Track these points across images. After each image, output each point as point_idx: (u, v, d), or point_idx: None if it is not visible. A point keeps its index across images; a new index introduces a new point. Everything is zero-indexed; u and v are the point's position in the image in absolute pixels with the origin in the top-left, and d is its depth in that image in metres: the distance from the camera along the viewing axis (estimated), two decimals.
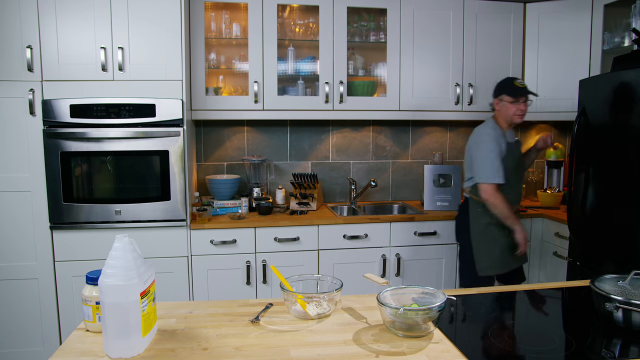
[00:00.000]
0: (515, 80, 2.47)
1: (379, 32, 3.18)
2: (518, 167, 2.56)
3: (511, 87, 2.47)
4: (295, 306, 1.35)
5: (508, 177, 2.45)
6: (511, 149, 2.51)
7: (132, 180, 2.64)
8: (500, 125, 2.53)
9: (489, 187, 2.41)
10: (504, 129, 2.53)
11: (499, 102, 2.52)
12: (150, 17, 2.57)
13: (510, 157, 2.49)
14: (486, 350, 1.20)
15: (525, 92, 2.44)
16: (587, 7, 3.01)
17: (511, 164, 2.49)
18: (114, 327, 1.10)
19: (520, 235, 2.45)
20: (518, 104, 2.46)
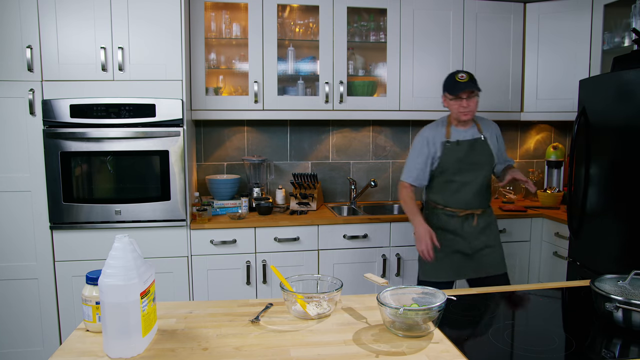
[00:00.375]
0: (457, 74, 2.28)
1: (379, 32, 3.18)
2: (466, 168, 2.35)
3: (450, 83, 2.31)
4: (295, 306, 1.35)
5: (449, 178, 2.36)
6: (452, 148, 2.35)
7: (132, 180, 2.64)
8: (452, 122, 2.40)
9: (400, 184, 2.43)
10: (455, 125, 2.39)
11: (444, 99, 2.39)
12: (150, 17, 2.57)
13: (449, 156, 2.34)
14: (486, 350, 1.20)
15: (462, 87, 2.24)
16: (587, 7, 3.01)
17: (451, 164, 2.35)
18: (114, 327, 1.10)
19: (418, 234, 2.30)
20: (459, 100, 2.28)
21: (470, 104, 2.28)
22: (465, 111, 2.29)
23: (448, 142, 2.35)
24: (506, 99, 3.26)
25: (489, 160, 2.40)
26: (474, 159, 2.36)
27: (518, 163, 3.68)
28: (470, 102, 2.27)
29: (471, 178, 2.36)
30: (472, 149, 2.36)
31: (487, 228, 2.41)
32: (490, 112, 3.24)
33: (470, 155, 2.35)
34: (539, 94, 3.24)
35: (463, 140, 2.36)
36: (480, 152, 2.37)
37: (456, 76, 2.27)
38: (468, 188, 2.36)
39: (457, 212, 2.37)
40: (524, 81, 3.27)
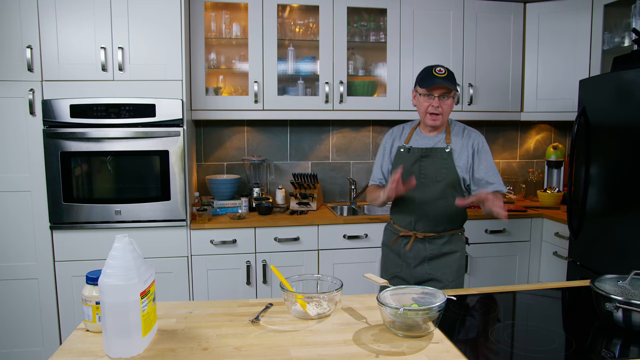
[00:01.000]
0: (435, 67, 1.92)
1: (379, 32, 3.18)
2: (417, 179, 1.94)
3: (423, 74, 1.95)
4: (295, 306, 1.35)
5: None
6: (403, 155, 2.01)
7: (132, 180, 2.64)
8: (418, 123, 2.09)
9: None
10: (422, 130, 2.06)
11: (413, 95, 2.04)
12: (150, 17, 2.57)
13: (397, 165, 1.99)
14: (486, 350, 1.20)
15: (438, 81, 1.87)
16: (587, 7, 3.01)
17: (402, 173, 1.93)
18: (114, 327, 1.10)
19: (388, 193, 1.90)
20: (430, 99, 1.93)
21: (443, 105, 1.93)
22: (434, 113, 1.94)
23: (403, 147, 2.04)
24: (506, 99, 3.26)
25: (450, 176, 1.96)
26: (426, 172, 1.97)
27: (518, 163, 3.68)
28: (443, 103, 1.93)
29: (419, 194, 1.97)
30: (426, 160, 1.97)
31: (437, 258, 2.00)
32: (490, 112, 3.24)
33: (421, 167, 1.98)
34: (539, 94, 3.24)
35: (416, 148, 2.00)
36: (438, 165, 1.96)
37: (434, 69, 1.92)
38: (414, 205, 1.99)
39: (399, 231, 2.06)
40: (524, 81, 3.27)
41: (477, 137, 2.02)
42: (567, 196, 2.66)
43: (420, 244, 2.01)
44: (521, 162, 3.69)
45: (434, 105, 1.92)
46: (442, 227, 2.00)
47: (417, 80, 1.98)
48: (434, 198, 1.96)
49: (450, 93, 1.93)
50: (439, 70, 1.91)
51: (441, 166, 1.96)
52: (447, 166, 1.96)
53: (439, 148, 1.98)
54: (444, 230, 2.01)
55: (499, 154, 3.65)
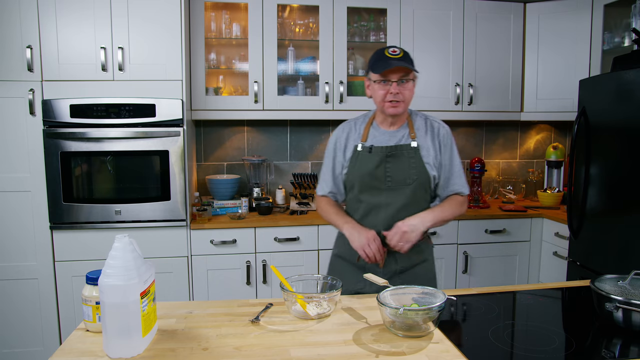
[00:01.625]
0: (388, 48, 1.65)
1: (379, 32, 3.18)
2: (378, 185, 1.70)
3: (376, 58, 1.66)
4: (295, 306, 1.35)
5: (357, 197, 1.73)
6: (362, 156, 1.71)
7: (132, 180, 2.64)
8: (375, 118, 1.78)
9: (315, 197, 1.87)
10: (379, 124, 1.77)
11: (367, 84, 1.74)
12: (150, 17, 2.57)
13: (357, 167, 1.72)
14: (486, 350, 1.20)
15: (394, 63, 1.60)
16: (587, 7, 3.01)
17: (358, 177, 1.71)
18: (114, 327, 1.10)
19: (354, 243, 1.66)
20: (386, 85, 1.64)
21: (403, 91, 1.64)
22: (394, 100, 1.65)
23: (360, 147, 1.73)
24: (506, 99, 3.26)
25: (420, 177, 1.70)
26: (392, 174, 1.69)
27: (518, 163, 3.68)
28: (403, 88, 1.64)
29: (387, 200, 1.70)
30: (392, 161, 1.70)
31: (408, 270, 1.73)
32: (490, 112, 3.24)
33: (386, 168, 1.69)
34: (539, 94, 3.24)
35: (378, 147, 1.71)
36: (404, 165, 1.70)
37: (386, 50, 1.64)
38: (381, 213, 1.70)
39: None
40: (524, 81, 3.27)
41: (442, 128, 1.77)
42: (567, 196, 2.66)
43: (390, 257, 1.71)
44: (521, 162, 3.69)
45: (392, 92, 1.63)
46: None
47: (370, 65, 1.68)
48: (404, 204, 1.69)
49: (409, 75, 1.64)
50: (393, 51, 1.63)
51: (409, 166, 1.69)
52: (416, 165, 1.69)
53: (405, 145, 1.71)
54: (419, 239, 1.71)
55: (499, 154, 3.65)
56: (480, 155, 3.61)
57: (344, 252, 1.80)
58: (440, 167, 1.74)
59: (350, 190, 1.78)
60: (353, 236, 1.66)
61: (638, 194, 2.21)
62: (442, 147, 1.74)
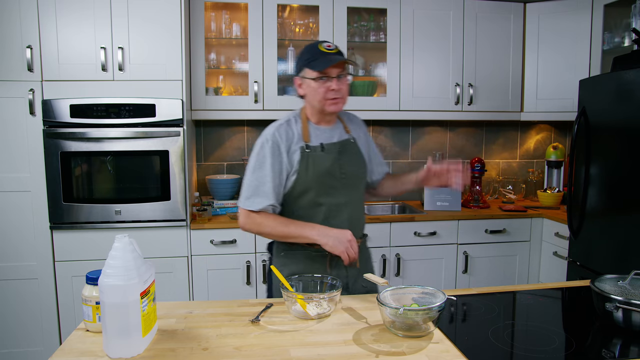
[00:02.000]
0: (322, 43, 1.59)
1: (379, 32, 3.18)
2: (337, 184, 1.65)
3: (312, 54, 1.58)
4: (295, 306, 1.35)
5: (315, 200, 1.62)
6: (315, 156, 1.62)
7: (132, 180, 2.64)
8: (308, 117, 1.68)
9: (242, 214, 1.62)
10: (315, 122, 1.68)
11: (301, 82, 1.64)
12: (150, 17, 2.57)
13: (312, 168, 1.61)
14: (486, 350, 1.20)
15: (333, 59, 1.55)
16: (587, 7, 3.01)
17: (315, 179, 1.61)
18: (114, 327, 1.10)
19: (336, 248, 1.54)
20: (326, 82, 1.57)
21: (343, 88, 1.60)
22: (335, 97, 1.59)
23: (308, 147, 1.62)
24: (506, 99, 3.26)
25: (364, 170, 1.73)
26: (346, 170, 1.66)
27: (518, 163, 3.68)
28: (342, 85, 1.59)
29: (345, 198, 1.66)
30: (343, 156, 1.66)
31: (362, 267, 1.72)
32: (490, 112, 3.24)
33: (341, 165, 1.65)
34: (539, 94, 3.24)
35: (329, 144, 1.65)
36: (353, 159, 1.69)
37: (320, 45, 1.58)
38: (344, 212, 1.65)
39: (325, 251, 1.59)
40: (524, 81, 3.27)
41: (361, 121, 1.84)
42: (567, 196, 2.66)
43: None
44: (521, 162, 3.69)
45: (334, 89, 1.57)
46: (362, 231, 1.76)
47: (304, 62, 1.59)
48: (359, 199, 1.71)
49: (345, 70, 1.61)
50: (328, 45, 1.58)
51: (358, 160, 1.71)
52: (361, 158, 1.71)
53: (347, 140, 1.70)
54: (364, 234, 1.76)
55: (499, 154, 3.65)
56: (480, 155, 3.61)
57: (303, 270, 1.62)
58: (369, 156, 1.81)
59: (303, 195, 1.62)
60: (330, 240, 1.53)
61: (638, 194, 2.21)
62: (367, 137, 1.82)
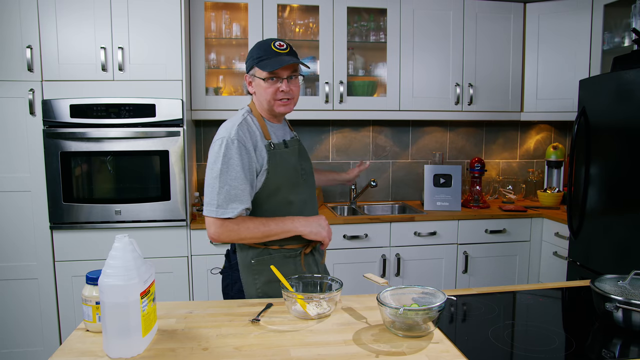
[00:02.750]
0: (274, 42, 1.54)
1: (379, 32, 3.18)
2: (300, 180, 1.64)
3: (262, 53, 1.54)
4: (295, 306, 1.35)
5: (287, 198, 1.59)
6: (281, 153, 1.58)
7: (132, 180, 2.64)
8: (261, 114, 1.62)
9: (212, 224, 1.49)
10: (269, 120, 1.63)
11: (249, 81, 1.61)
12: (150, 17, 2.57)
13: (280, 165, 1.57)
14: (486, 350, 1.20)
15: (285, 60, 1.51)
16: (587, 7, 3.01)
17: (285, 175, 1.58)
18: (114, 327, 1.10)
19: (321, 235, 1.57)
20: (276, 83, 1.54)
21: (293, 89, 1.57)
22: (285, 101, 1.57)
23: (272, 144, 1.57)
24: (506, 99, 3.26)
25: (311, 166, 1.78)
26: (304, 167, 1.68)
27: (518, 163, 3.69)
28: (293, 85, 1.57)
29: (306, 194, 1.66)
30: (301, 153, 1.69)
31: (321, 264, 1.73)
32: (490, 112, 3.24)
33: (301, 162, 1.66)
34: (539, 94, 3.24)
35: (290, 141, 1.64)
36: (305, 156, 1.73)
37: (272, 44, 1.53)
38: (309, 207, 1.66)
39: (299, 249, 1.62)
40: (524, 81, 3.27)
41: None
42: (567, 196, 2.66)
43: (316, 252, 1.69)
44: (521, 162, 3.69)
45: (283, 90, 1.53)
46: None
47: (255, 61, 1.54)
48: (314, 195, 1.71)
49: (296, 72, 1.57)
50: (280, 45, 1.53)
51: (308, 157, 1.74)
52: (307, 155, 1.75)
53: (296, 138, 1.71)
54: None
55: (499, 154, 3.65)
56: (480, 155, 3.61)
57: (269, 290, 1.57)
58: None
59: (273, 194, 1.56)
60: (313, 227, 1.54)
61: (638, 194, 2.21)
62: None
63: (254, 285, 1.60)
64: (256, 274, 1.60)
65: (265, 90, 1.54)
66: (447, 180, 3.17)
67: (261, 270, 1.59)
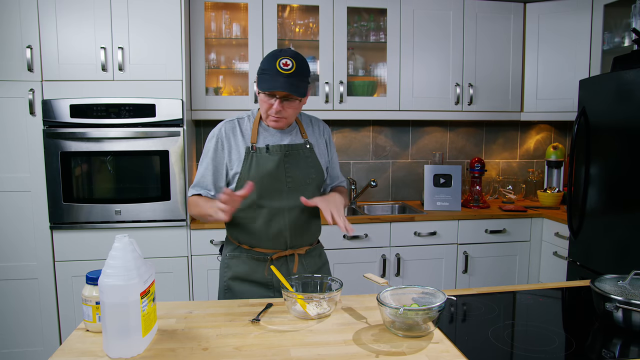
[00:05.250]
0: (281, 59, 1.50)
1: (379, 32, 3.18)
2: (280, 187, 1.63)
3: (265, 68, 1.52)
4: (295, 306, 1.35)
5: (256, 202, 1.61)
6: (259, 157, 1.61)
7: (132, 180, 2.64)
8: (262, 117, 1.67)
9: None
10: (268, 124, 1.65)
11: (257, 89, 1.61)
12: (150, 17, 2.57)
13: (254, 169, 1.60)
14: (486, 350, 1.20)
15: (278, 85, 1.49)
16: (587, 7, 3.01)
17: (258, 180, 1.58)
18: (114, 327, 1.10)
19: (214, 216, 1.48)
20: (270, 99, 1.55)
21: (287, 109, 1.56)
22: (275, 118, 1.58)
23: (253, 147, 1.61)
24: (506, 99, 3.26)
25: (318, 176, 1.70)
26: (292, 174, 1.64)
27: (518, 163, 3.68)
28: (287, 106, 1.55)
29: (290, 202, 1.63)
30: (289, 160, 1.64)
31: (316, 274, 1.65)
32: (490, 112, 3.24)
33: (286, 169, 1.63)
34: (539, 94, 3.24)
35: (275, 146, 1.62)
36: (302, 163, 1.66)
37: (278, 62, 1.49)
38: (286, 217, 1.63)
39: (268, 255, 1.65)
40: (524, 81, 3.27)
41: (325, 126, 1.78)
42: (567, 196, 2.66)
43: (299, 264, 1.67)
44: (521, 162, 3.69)
45: (275, 109, 1.54)
46: (314, 238, 1.74)
47: (259, 71, 1.56)
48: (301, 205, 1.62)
49: (292, 97, 1.54)
50: (285, 64, 1.48)
51: (307, 165, 1.66)
52: (313, 164, 1.68)
53: (300, 144, 1.66)
54: (315, 241, 1.75)
55: (499, 154, 3.65)
56: (480, 155, 3.61)
57: (242, 273, 1.66)
58: (329, 164, 1.78)
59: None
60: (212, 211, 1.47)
61: (638, 194, 2.21)
62: (329, 145, 1.77)
63: (223, 277, 1.71)
64: (226, 267, 1.71)
65: (261, 103, 1.59)
66: (447, 180, 3.17)
67: (230, 265, 1.69)
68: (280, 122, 1.61)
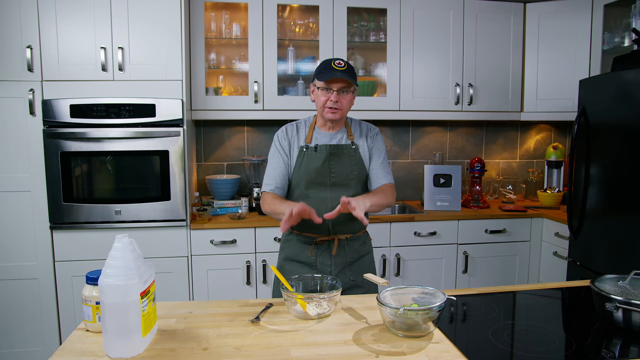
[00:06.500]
0: (334, 60, 1.79)
1: (379, 32, 3.18)
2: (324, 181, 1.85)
3: (322, 67, 1.81)
4: (295, 306, 1.35)
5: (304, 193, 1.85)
6: (309, 155, 1.86)
7: (132, 180, 2.64)
8: (316, 122, 1.93)
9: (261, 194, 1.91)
10: (320, 127, 1.91)
11: (311, 90, 1.89)
12: (150, 17, 2.57)
13: (304, 165, 1.86)
14: (486, 350, 1.20)
15: (337, 74, 1.74)
16: (587, 7, 3.01)
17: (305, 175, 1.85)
18: (114, 327, 1.10)
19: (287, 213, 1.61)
20: (328, 92, 1.79)
21: (342, 100, 1.80)
22: (333, 108, 1.80)
23: (306, 147, 1.87)
24: (506, 99, 3.26)
25: (360, 173, 1.90)
26: (337, 171, 1.86)
27: (518, 163, 3.69)
28: (342, 98, 1.80)
29: (333, 194, 1.85)
30: (334, 158, 1.86)
31: (357, 262, 1.89)
32: (490, 112, 3.24)
33: (330, 165, 1.86)
34: (539, 94, 3.24)
35: (323, 146, 1.86)
36: (345, 162, 1.87)
37: (332, 62, 1.79)
38: (329, 207, 1.81)
39: (313, 239, 1.86)
40: (524, 81, 3.27)
41: (373, 129, 1.97)
42: (567, 196, 2.66)
43: (341, 248, 1.86)
44: (521, 162, 3.69)
45: (332, 100, 1.78)
46: (358, 227, 1.90)
47: (315, 73, 1.84)
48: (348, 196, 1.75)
49: (350, 88, 1.80)
50: (338, 63, 1.78)
51: (350, 163, 1.88)
52: (356, 163, 1.89)
53: (345, 145, 1.89)
54: (360, 230, 1.92)
55: (499, 154, 3.65)
56: (480, 155, 3.61)
57: (291, 254, 1.91)
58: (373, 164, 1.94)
59: (296, 188, 1.88)
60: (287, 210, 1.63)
61: (638, 194, 2.21)
62: (375, 147, 1.95)
63: (279, 258, 1.97)
64: (281, 249, 1.96)
65: (319, 98, 1.82)
66: (447, 180, 3.17)
67: (283, 247, 1.94)
68: (337, 113, 1.82)
